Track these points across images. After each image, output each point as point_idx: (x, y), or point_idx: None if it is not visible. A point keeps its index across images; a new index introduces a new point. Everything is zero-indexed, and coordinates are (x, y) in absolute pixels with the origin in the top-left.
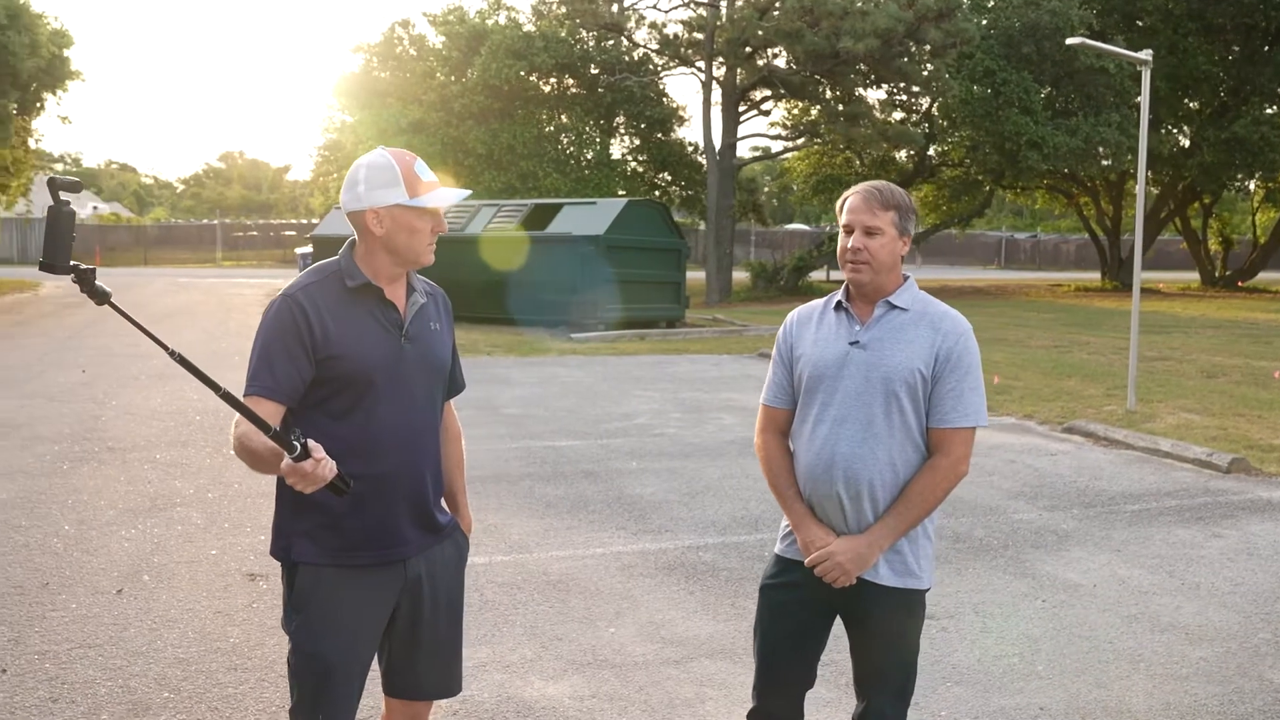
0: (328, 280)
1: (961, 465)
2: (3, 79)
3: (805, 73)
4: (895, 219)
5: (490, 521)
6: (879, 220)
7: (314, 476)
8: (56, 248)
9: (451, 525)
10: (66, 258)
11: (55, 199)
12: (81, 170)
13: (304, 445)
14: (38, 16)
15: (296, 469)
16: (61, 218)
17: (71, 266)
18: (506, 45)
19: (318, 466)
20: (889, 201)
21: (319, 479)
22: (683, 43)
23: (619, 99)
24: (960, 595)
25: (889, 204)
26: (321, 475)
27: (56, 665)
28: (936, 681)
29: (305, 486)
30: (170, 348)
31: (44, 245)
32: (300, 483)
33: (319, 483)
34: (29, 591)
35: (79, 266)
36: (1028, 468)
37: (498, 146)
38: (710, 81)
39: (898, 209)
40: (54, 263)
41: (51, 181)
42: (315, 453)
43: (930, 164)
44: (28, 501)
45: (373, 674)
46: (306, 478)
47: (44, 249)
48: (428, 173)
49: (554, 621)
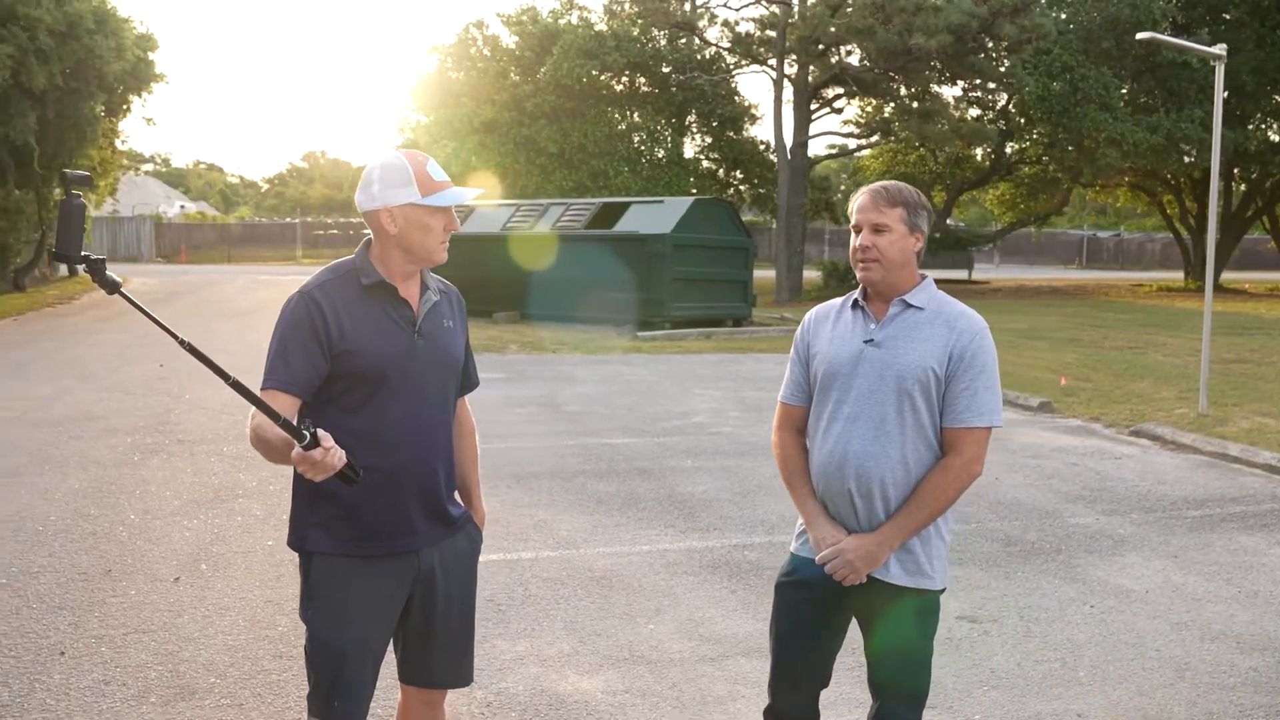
0: (344, 278)
1: (975, 465)
2: (90, 82)
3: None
4: (903, 215)
5: (540, 517)
6: (886, 217)
7: (323, 465)
8: (69, 238)
9: (464, 518)
10: (79, 247)
11: (67, 192)
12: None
13: (313, 434)
14: (124, 21)
15: (306, 457)
16: (73, 210)
17: (83, 256)
18: (578, 45)
19: (326, 455)
20: (896, 198)
21: (328, 467)
22: (754, 41)
23: (690, 97)
24: (1006, 599)
25: (896, 201)
26: (330, 464)
27: (111, 649)
28: (972, 685)
29: (315, 475)
30: (180, 337)
31: (56, 236)
32: (310, 471)
33: (328, 471)
34: (92, 578)
35: (90, 256)
36: (1090, 471)
37: (569, 145)
38: (782, 79)
39: (905, 205)
40: (66, 252)
41: (63, 176)
42: (324, 442)
43: (1007, 161)
44: (98, 491)
45: (391, 663)
46: (316, 466)
47: (56, 240)
48: (440, 173)
49: (594, 617)
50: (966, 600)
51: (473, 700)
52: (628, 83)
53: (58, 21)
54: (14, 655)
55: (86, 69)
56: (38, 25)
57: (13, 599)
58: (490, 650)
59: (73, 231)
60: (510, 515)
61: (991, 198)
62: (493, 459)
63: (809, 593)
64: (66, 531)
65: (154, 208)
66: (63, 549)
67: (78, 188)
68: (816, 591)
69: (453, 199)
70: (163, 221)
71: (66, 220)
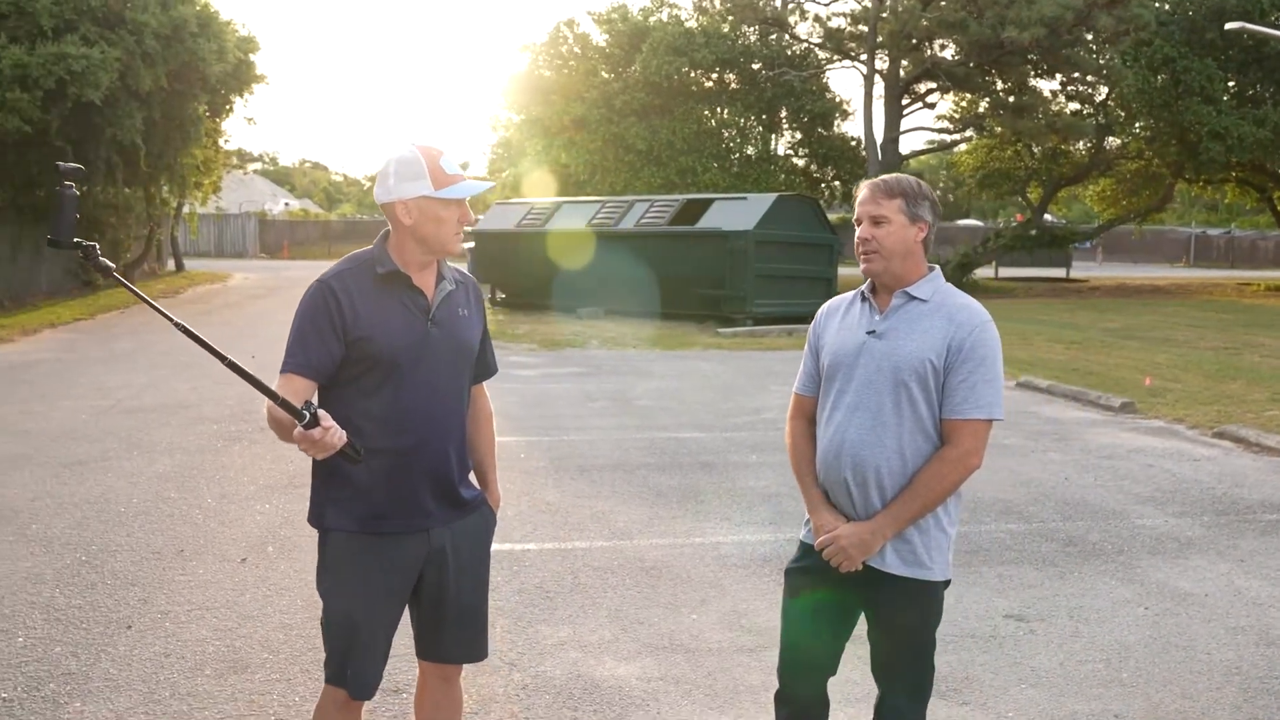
0: (361, 268)
1: (972, 458)
2: (193, 83)
3: (970, 64)
4: (902, 206)
5: (599, 508)
6: (884, 209)
7: (322, 443)
8: (62, 227)
9: (478, 500)
10: (71, 235)
11: (60, 184)
12: (278, 169)
13: (313, 414)
14: (226, 24)
15: (306, 436)
16: (66, 200)
17: (75, 243)
18: (667, 42)
19: (325, 434)
20: (894, 190)
21: (327, 446)
22: (845, 36)
23: (780, 93)
24: (1057, 599)
25: (894, 192)
26: (330, 443)
27: (175, 624)
28: (1010, 682)
29: (315, 453)
30: (175, 319)
31: (51, 224)
32: (311, 449)
33: (328, 450)
34: (165, 557)
35: (82, 243)
36: (1165, 472)
37: (657, 142)
38: (872, 74)
39: (904, 196)
40: (59, 239)
41: (57, 168)
42: (324, 421)
43: (1106, 157)
44: (181, 475)
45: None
46: (316, 444)
47: (51, 228)
48: (453, 166)
49: (638, 606)
50: (1016, 599)
51: (510, 682)
52: (717, 79)
53: (163, 26)
54: (85, 628)
55: (190, 71)
56: (144, 29)
57: (90, 575)
58: (533, 635)
59: (65, 219)
60: (570, 506)
61: (1091, 194)
62: (559, 451)
63: (815, 580)
64: (146, 513)
65: (260, 205)
66: (141, 529)
67: (70, 179)
68: (822, 579)
69: (464, 192)
70: (266, 218)
71: (60, 210)
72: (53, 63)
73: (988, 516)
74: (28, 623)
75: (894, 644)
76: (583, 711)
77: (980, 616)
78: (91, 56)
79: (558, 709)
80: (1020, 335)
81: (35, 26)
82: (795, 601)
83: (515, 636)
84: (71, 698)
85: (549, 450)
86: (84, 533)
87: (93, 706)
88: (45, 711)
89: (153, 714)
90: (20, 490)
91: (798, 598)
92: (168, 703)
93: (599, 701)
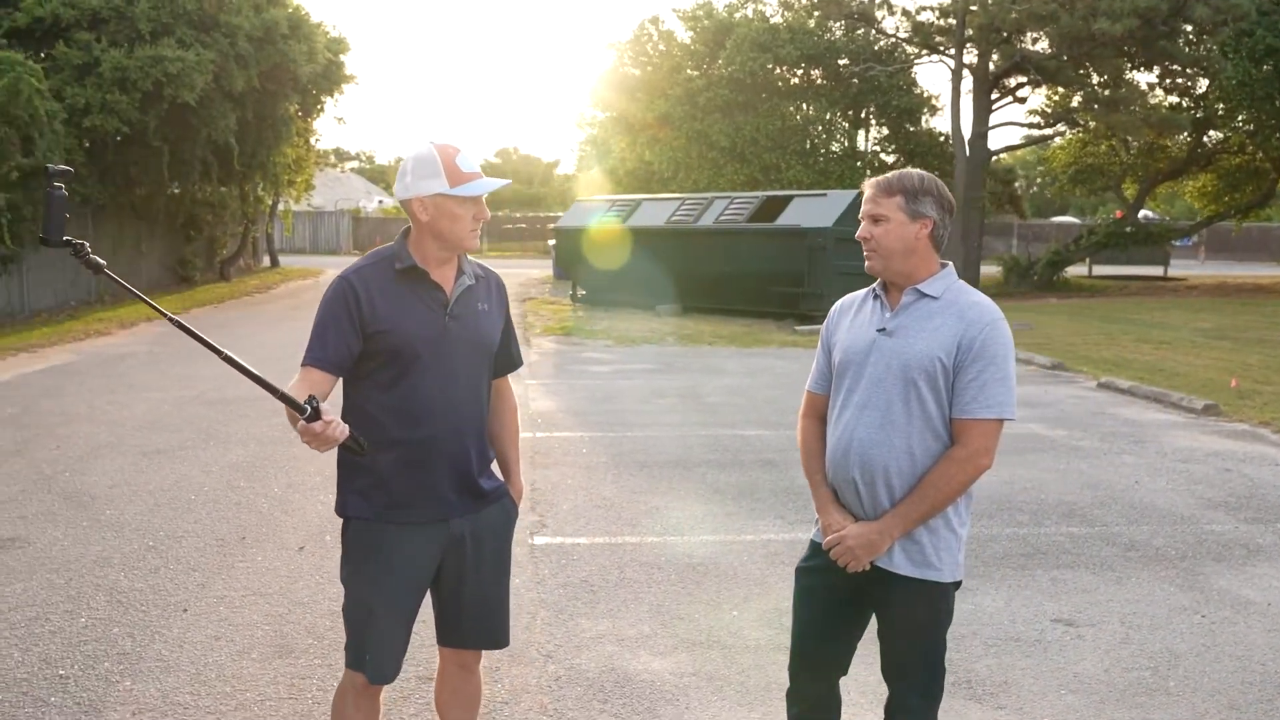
0: (380, 263)
1: (982, 458)
2: (285, 84)
3: (1062, 57)
4: (901, 203)
5: (654, 504)
6: (882, 207)
7: (323, 436)
8: (51, 225)
9: (499, 491)
10: (60, 233)
11: (49, 185)
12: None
13: (314, 408)
14: (316, 26)
15: (307, 429)
16: (54, 200)
17: (65, 241)
18: (752, 38)
19: (327, 428)
20: (894, 187)
21: (328, 439)
22: (933, 30)
23: (865, 89)
24: (1110, 604)
25: (894, 189)
26: (331, 435)
27: (229, 608)
28: (1050, 688)
29: (318, 445)
30: (169, 314)
31: (43, 224)
32: (313, 441)
33: (329, 443)
34: (227, 544)
35: (72, 240)
36: (1241, 477)
37: (741, 139)
38: (960, 69)
39: (904, 193)
40: (49, 237)
41: (46, 170)
42: (325, 415)
43: (1206, 151)
44: (252, 465)
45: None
46: (317, 437)
47: (42, 227)
48: (469, 164)
49: (680, 602)
50: (1067, 603)
51: (544, 674)
52: (802, 75)
53: (255, 28)
54: (143, 610)
55: (281, 72)
56: (237, 32)
57: (155, 560)
58: (572, 628)
59: (54, 218)
60: (625, 501)
61: (1191, 190)
62: (622, 446)
63: (824, 579)
64: (215, 501)
65: (355, 203)
66: (208, 516)
67: (59, 180)
68: (831, 578)
69: (479, 189)
70: (360, 215)
71: (50, 209)
72: (150, 65)
73: (1049, 519)
74: (91, 604)
75: (903, 645)
76: (612, 704)
77: (1027, 620)
78: (187, 59)
79: (587, 701)
80: (1107, 335)
81: (134, 30)
82: (805, 600)
83: (555, 629)
84: (123, 676)
85: (611, 446)
86: (154, 519)
87: (141, 685)
88: (97, 689)
89: (197, 694)
90: (100, 477)
91: (807, 597)
92: (213, 684)
93: (629, 695)
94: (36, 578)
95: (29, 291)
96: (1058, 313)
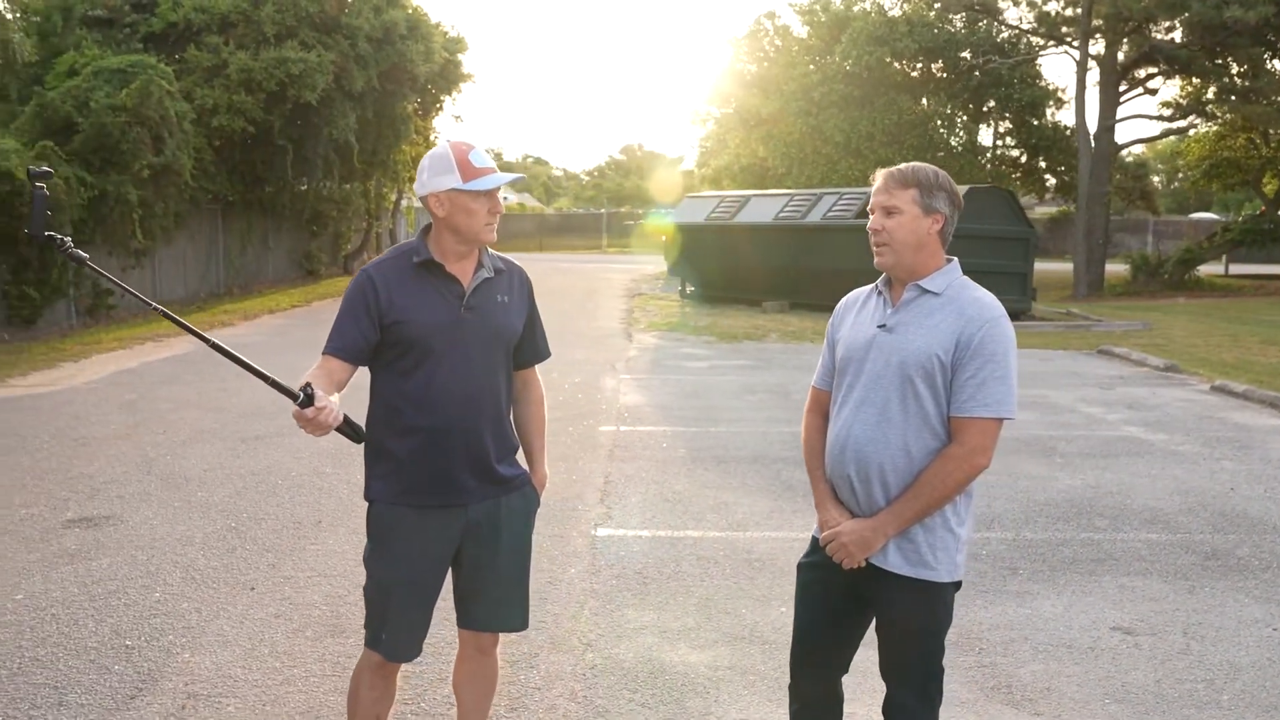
0: (400, 257)
1: (978, 457)
2: (403, 83)
3: (1195, 46)
4: (916, 196)
5: (723, 499)
6: (896, 199)
7: (316, 422)
8: (36, 221)
9: (520, 479)
10: (44, 229)
11: (32, 185)
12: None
13: (308, 395)
14: (434, 27)
15: (300, 414)
16: (37, 199)
17: (49, 236)
18: (869, 31)
19: (319, 414)
20: (908, 179)
21: (320, 425)
22: (1058, 20)
23: (987, 82)
24: (1176, 614)
25: (908, 182)
26: (323, 422)
27: (293, 589)
28: (1094, 697)
29: (312, 431)
30: (152, 302)
31: (29, 221)
32: (307, 427)
33: (322, 428)
34: (304, 527)
35: (55, 236)
36: None
37: (856, 135)
38: (1085, 59)
39: (919, 186)
40: (35, 233)
41: (29, 171)
42: (318, 402)
43: None
44: (340, 451)
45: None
46: (310, 423)
47: (29, 224)
48: (482, 160)
49: (730, 597)
50: (1131, 611)
51: (580, 662)
52: (922, 69)
53: (375, 29)
54: (214, 587)
55: (399, 72)
56: (357, 33)
57: (234, 540)
58: (617, 618)
59: (38, 215)
60: (694, 495)
61: None
62: (701, 441)
63: (823, 575)
64: (300, 486)
65: None
66: (290, 500)
67: (40, 180)
68: (830, 574)
69: (491, 183)
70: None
71: (34, 207)
72: (274, 67)
73: (1129, 525)
74: (167, 580)
75: (899, 644)
76: (641, 694)
77: (1083, 627)
78: (309, 60)
79: (617, 690)
80: (1231, 336)
81: (260, 33)
82: (805, 597)
83: (600, 618)
84: (183, 649)
85: (692, 441)
86: (239, 501)
87: (199, 658)
88: (157, 659)
89: (249, 668)
90: (197, 461)
91: (807, 593)
92: (265, 659)
93: (659, 686)
94: (122, 554)
95: (160, 284)
96: (1184, 313)
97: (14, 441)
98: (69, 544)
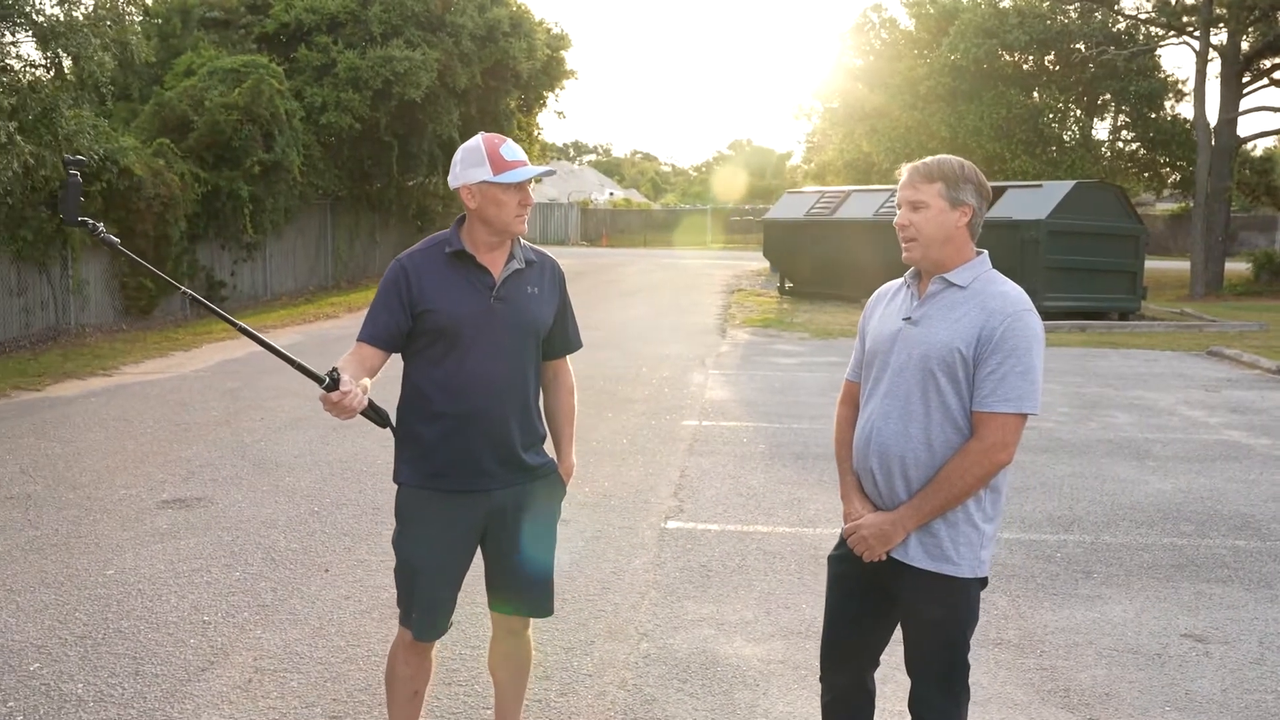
0: (433, 248)
1: (999, 453)
2: (506, 80)
3: None
4: (942, 190)
5: (796, 495)
6: (922, 194)
7: (340, 406)
8: (68, 207)
9: (548, 468)
10: (76, 214)
11: (67, 172)
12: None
13: (334, 379)
14: (537, 24)
15: (325, 398)
16: (71, 186)
17: (81, 221)
18: (978, 23)
19: (344, 398)
20: (934, 173)
21: (345, 409)
22: (1179, 9)
23: (1101, 74)
24: (1254, 623)
25: (934, 176)
26: (348, 406)
27: (365, 571)
28: (1155, 704)
29: (337, 414)
30: (183, 288)
31: (61, 207)
32: (332, 411)
33: (346, 412)
34: (383, 512)
35: (87, 220)
36: None
37: (963, 129)
38: (1206, 49)
39: (945, 180)
40: (68, 218)
41: (63, 159)
42: (343, 386)
43: None
44: None
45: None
46: (335, 406)
47: (61, 210)
48: (514, 153)
49: (792, 591)
50: (1206, 618)
51: (635, 651)
52: (1034, 61)
53: (479, 27)
54: (291, 568)
55: (502, 69)
56: (461, 31)
57: (314, 523)
58: (676, 609)
59: (71, 201)
60: (768, 490)
61: None
62: (782, 437)
63: (851, 568)
64: (382, 473)
65: (587, 194)
66: (372, 487)
67: (74, 168)
68: (857, 568)
69: (520, 176)
70: (589, 207)
71: (66, 194)
72: (380, 65)
73: (1216, 531)
74: (248, 560)
75: (922, 639)
76: (690, 684)
77: (1153, 633)
78: (413, 58)
79: (667, 680)
80: None
81: (367, 33)
82: (833, 589)
83: (659, 609)
84: (256, 626)
85: (773, 436)
86: (325, 487)
87: (269, 635)
88: (231, 635)
89: (315, 646)
90: (289, 448)
91: (835, 585)
92: (331, 638)
93: (710, 677)
94: (210, 534)
95: (271, 276)
96: None
97: (122, 426)
98: (161, 524)
